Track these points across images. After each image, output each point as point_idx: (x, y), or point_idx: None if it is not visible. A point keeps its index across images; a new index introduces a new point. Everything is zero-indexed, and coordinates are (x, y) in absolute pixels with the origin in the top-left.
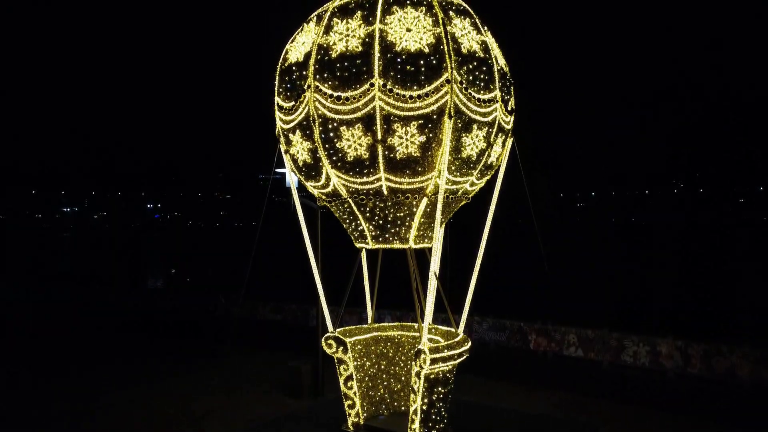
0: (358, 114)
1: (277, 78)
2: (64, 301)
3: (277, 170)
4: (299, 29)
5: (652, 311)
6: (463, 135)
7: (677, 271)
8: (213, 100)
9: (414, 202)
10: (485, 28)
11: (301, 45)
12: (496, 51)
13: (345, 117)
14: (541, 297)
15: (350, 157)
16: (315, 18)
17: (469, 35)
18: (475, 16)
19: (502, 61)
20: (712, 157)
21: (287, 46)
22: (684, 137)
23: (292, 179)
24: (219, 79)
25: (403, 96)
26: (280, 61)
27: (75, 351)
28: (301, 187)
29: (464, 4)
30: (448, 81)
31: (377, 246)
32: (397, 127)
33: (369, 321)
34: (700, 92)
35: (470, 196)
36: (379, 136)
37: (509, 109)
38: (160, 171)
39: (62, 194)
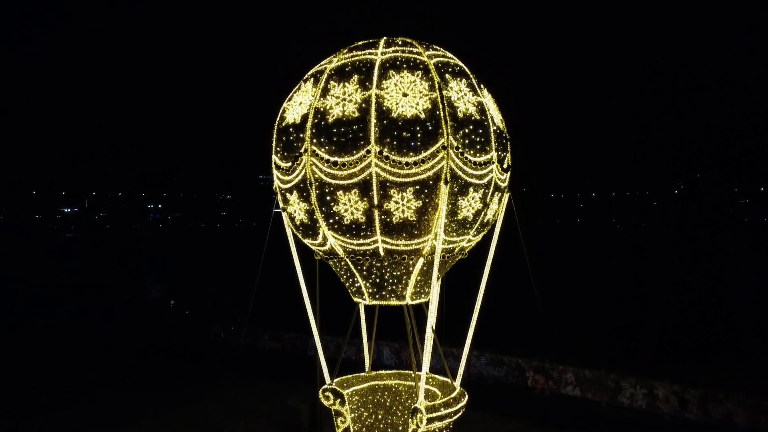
0: (355, 180)
1: (274, 137)
2: (63, 319)
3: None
4: (296, 87)
5: (649, 346)
6: (460, 198)
7: (676, 290)
8: (213, 100)
9: (411, 262)
10: (482, 86)
11: (298, 105)
12: (492, 111)
13: (341, 182)
14: (538, 334)
15: (347, 220)
16: (312, 78)
17: (465, 97)
18: (471, 75)
19: (498, 119)
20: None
21: (284, 105)
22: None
23: (289, 235)
24: (219, 79)
25: (399, 162)
26: (278, 119)
27: (74, 377)
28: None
29: (461, 64)
30: (444, 147)
31: (374, 302)
32: (394, 192)
33: (366, 369)
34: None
35: (467, 251)
36: (376, 202)
37: (505, 166)
38: (160, 171)
39: (62, 194)
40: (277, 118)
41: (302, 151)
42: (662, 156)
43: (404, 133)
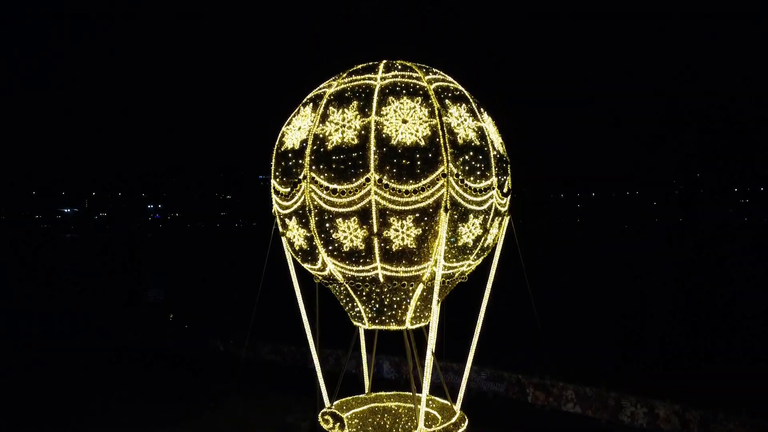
0: (354, 207)
1: (273, 161)
2: (62, 330)
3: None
4: (295, 111)
5: (648, 362)
6: (460, 225)
7: (677, 306)
8: (212, 99)
9: (410, 288)
10: (482, 110)
11: (297, 130)
12: (492, 135)
13: (341, 209)
14: (538, 351)
15: (346, 247)
16: (311, 103)
17: (465, 123)
18: (471, 99)
19: (498, 142)
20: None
21: (283, 129)
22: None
23: (289, 260)
24: (219, 78)
25: (399, 191)
26: (277, 143)
27: (72, 386)
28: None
29: (461, 88)
30: (444, 175)
31: (374, 327)
32: (393, 220)
33: (366, 389)
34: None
35: (466, 275)
36: (375, 230)
37: (505, 191)
38: (160, 171)
39: (62, 194)
40: (276, 142)
41: (301, 177)
42: (662, 156)
43: (404, 161)
